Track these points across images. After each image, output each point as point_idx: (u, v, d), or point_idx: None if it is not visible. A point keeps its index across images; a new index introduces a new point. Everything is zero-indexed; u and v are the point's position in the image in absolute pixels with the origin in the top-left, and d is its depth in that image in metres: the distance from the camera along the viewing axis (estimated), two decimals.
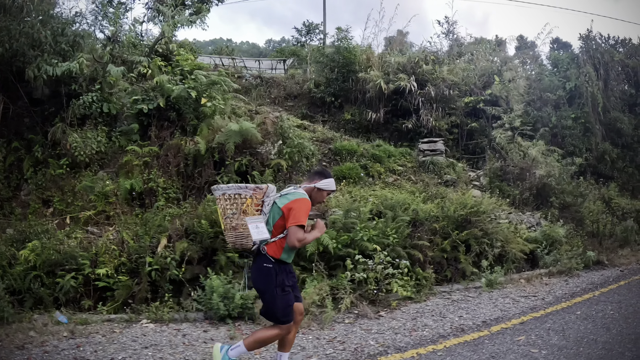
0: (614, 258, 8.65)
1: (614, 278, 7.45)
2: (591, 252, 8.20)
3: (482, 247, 7.45)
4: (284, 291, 3.27)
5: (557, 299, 6.38)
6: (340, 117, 13.26)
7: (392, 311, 5.64)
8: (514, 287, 7.01)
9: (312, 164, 9.77)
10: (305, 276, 5.70)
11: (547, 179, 9.37)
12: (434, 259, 7.09)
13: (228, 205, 3.24)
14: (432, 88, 12.53)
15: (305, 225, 3.26)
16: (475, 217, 7.58)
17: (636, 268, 8.11)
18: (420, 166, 10.48)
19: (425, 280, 6.48)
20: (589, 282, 7.29)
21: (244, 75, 14.53)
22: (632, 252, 9.30)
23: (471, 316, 5.61)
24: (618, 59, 14.40)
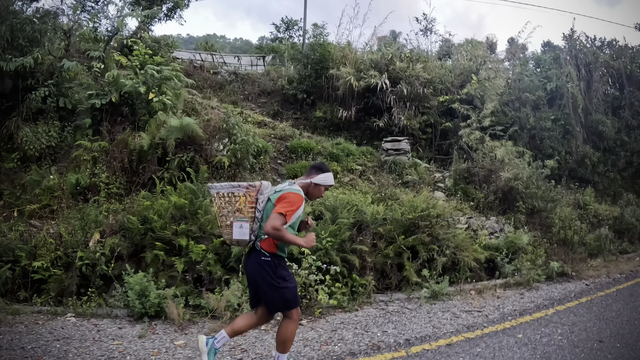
0: (582, 269, 7.56)
1: (576, 293, 6.39)
2: (555, 263, 7.14)
3: (429, 255, 6.48)
4: (285, 279, 3.16)
5: (503, 316, 5.37)
6: (312, 114, 12.31)
7: (315, 320, 4.93)
8: (461, 300, 6.04)
9: (265, 161, 8.95)
10: (229, 277, 5.17)
11: (513, 182, 8.30)
12: (376, 265, 6.20)
13: (223, 203, 3.19)
14: (405, 86, 11.52)
15: (288, 216, 3.01)
16: (424, 222, 6.59)
17: (604, 282, 7.02)
18: (382, 166, 9.49)
19: (363, 288, 5.73)
20: (546, 296, 6.24)
21: (220, 72, 13.66)
22: (603, 263, 8.19)
23: (397, 332, 4.73)
24: (603, 60, 13.18)
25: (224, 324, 4.47)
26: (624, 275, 7.38)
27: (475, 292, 6.42)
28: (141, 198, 6.15)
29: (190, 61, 13.75)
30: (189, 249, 5.21)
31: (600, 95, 12.48)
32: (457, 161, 9.28)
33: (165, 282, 4.95)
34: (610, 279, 7.22)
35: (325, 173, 3.34)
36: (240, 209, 3.11)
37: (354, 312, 5.27)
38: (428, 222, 6.66)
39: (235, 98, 12.96)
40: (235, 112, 10.80)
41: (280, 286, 3.11)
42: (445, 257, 6.42)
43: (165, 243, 5.31)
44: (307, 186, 3.29)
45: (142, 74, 8.17)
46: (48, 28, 9.09)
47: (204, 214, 5.72)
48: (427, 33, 13.26)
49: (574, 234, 8.38)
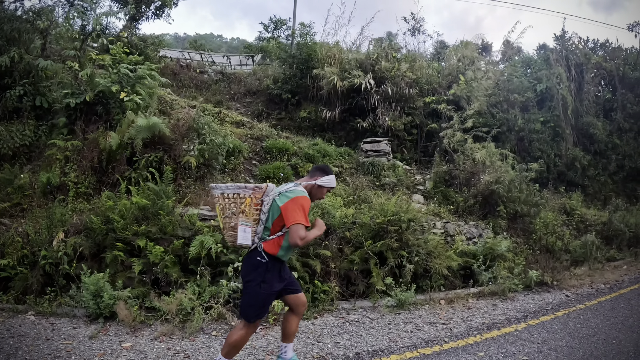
0: (564, 278, 6.95)
1: (554, 306, 5.79)
2: (534, 272, 6.54)
3: (398, 261, 5.96)
4: (269, 289, 3.01)
5: (469, 330, 4.81)
6: (297, 115, 11.79)
7: (269, 327, 4.55)
8: (429, 310, 5.51)
9: (238, 162, 8.47)
10: (185, 280, 4.87)
11: (494, 185, 7.70)
12: (341, 271, 5.71)
13: (227, 204, 3.04)
14: (390, 86, 10.95)
15: (305, 221, 2.94)
16: (393, 226, 6.05)
17: (586, 293, 6.41)
18: (360, 167, 8.94)
19: (325, 295, 5.28)
20: (521, 308, 5.66)
21: (207, 71, 13.18)
22: (588, 272, 7.56)
23: (350, 343, 4.24)
24: (595, 61, 12.50)
25: (176, 327, 4.30)
26: (608, 286, 6.76)
27: (445, 301, 5.87)
28: (105, 198, 5.83)
29: (177, 60, 13.29)
30: (148, 250, 4.95)
31: (592, 97, 11.82)
32: (438, 163, 8.69)
33: (122, 283, 4.73)
34: (593, 289, 6.60)
35: (329, 175, 3.26)
36: (244, 210, 2.96)
37: (312, 320, 4.84)
38: (397, 227, 6.14)
39: (221, 97, 12.49)
40: (214, 112, 10.40)
41: (258, 291, 2.98)
42: (413, 264, 5.88)
43: (126, 244, 5.10)
44: (310, 187, 3.20)
45: (114, 72, 7.83)
46: (28, 27, 8.87)
47: (165, 215, 5.37)
48: (415, 33, 12.67)
49: (557, 240, 7.78)
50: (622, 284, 6.87)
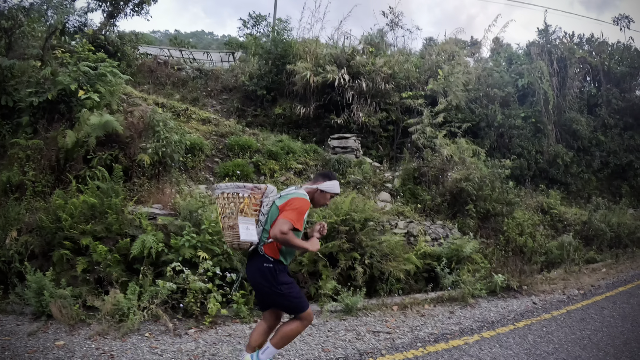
0: (536, 283, 6.19)
1: (517, 314, 5.03)
2: (499, 276, 5.78)
3: (350, 263, 5.29)
4: (288, 283, 2.90)
5: (413, 341, 4.12)
6: (272, 111, 11.08)
7: (204, 330, 4.10)
8: (379, 316, 4.85)
9: (199, 159, 7.83)
10: (126, 279, 4.55)
11: (463, 183, 6.94)
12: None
13: (226, 204, 2.89)
14: (365, 81, 10.20)
15: (296, 222, 2.75)
16: (345, 226, 5.37)
17: (556, 300, 5.64)
18: (325, 165, 8.22)
19: None
20: (480, 317, 4.91)
21: (184, 68, 12.52)
22: (563, 275, 6.78)
23: (279, 352, 3.51)
24: (580, 56, 11.63)
25: (112, 327, 4.00)
26: (581, 292, 5.97)
27: (399, 307, 5.17)
28: (55, 197, 5.51)
29: (154, 57, 12.65)
30: (92, 248, 4.71)
31: (575, 92, 10.96)
32: (408, 160, 7.94)
33: (66, 281, 4.46)
34: (564, 295, 5.82)
35: (332, 181, 3.08)
36: (243, 210, 2.83)
37: (251, 323, 4.33)
38: (349, 227, 5.45)
39: (198, 95, 11.83)
40: (181, 109, 9.75)
41: (283, 292, 2.85)
42: (364, 267, 5.18)
43: (74, 242, 4.86)
44: (313, 192, 3.01)
45: (74, 70, 7.33)
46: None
47: (112, 213, 5.02)
48: (394, 27, 11.88)
49: (530, 241, 7.00)
50: (598, 290, 6.08)
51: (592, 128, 10.98)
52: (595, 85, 11.88)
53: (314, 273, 5.33)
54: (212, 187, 3.28)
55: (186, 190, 6.97)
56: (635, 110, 11.33)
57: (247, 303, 4.51)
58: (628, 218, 9.05)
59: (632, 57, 11.57)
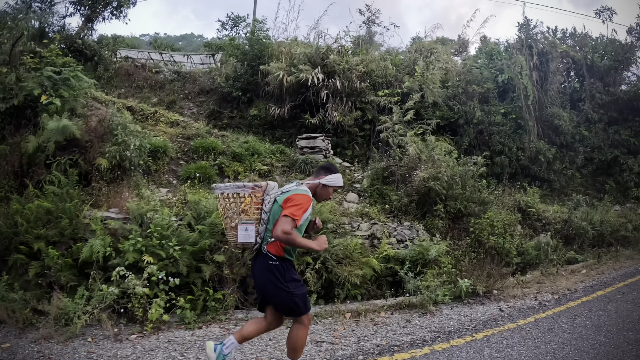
0: (507, 287, 5.57)
1: (479, 324, 4.42)
2: (465, 280, 5.17)
3: (301, 268, 4.80)
4: (296, 282, 2.73)
5: (355, 354, 3.64)
6: (248, 113, 10.54)
7: (146, 336, 3.88)
8: (329, 324, 4.38)
9: (163, 162, 7.32)
10: (75, 284, 4.33)
11: (431, 182, 6.34)
12: (239, 277, 4.68)
13: (227, 204, 2.74)
14: (339, 79, 9.64)
15: (298, 220, 2.56)
16: None
17: (526, 307, 5.01)
18: (293, 165, 7.66)
19: (218, 303, 4.44)
20: (437, 327, 4.32)
21: (162, 71, 12.02)
22: (539, 278, 6.15)
23: None
24: (562, 50, 10.98)
25: (57, 332, 3.82)
26: (556, 297, 5.34)
27: (352, 315, 4.62)
28: (13, 202, 5.27)
29: (132, 61, 12.19)
30: (44, 253, 4.55)
31: (556, 86, 10.31)
32: (378, 159, 7.36)
33: (19, 285, 4.35)
34: (536, 301, 5.19)
35: (334, 174, 2.90)
36: (245, 210, 2.70)
37: (195, 330, 4.06)
38: None
39: (175, 97, 11.31)
40: (149, 112, 9.26)
41: (290, 290, 2.69)
42: (314, 271, 4.65)
43: (29, 247, 4.70)
44: (315, 187, 2.85)
45: (37, 76, 6.98)
46: None
47: (65, 218, 4.83)
48: (370, 25, 11.30)
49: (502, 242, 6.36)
50: (574, 295, 5.44)
51: (576, 123, 10.33)
52: (578, 79, 11.21)
53: None
54: (212, 186, 3.02)
55: (147, 193, 6.67)
56: (620, 105, 10.66)
57: (195, 308, 4.27)
58: (612, 215, 8.39)
59: (616, 50, 10.91)
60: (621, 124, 10.66)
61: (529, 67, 9.83)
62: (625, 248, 7.96)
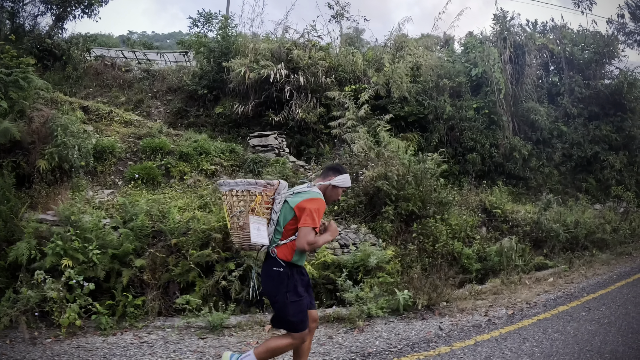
0: (455, 299, 4.69)
1: (407, 346, 3.56)
2: (404, 292, 4.32)
3: (225, 274, 4.16)
4: (298, 296, 2.45)
5: None
6: (214, 111, 9.77)
7: (61, 341, 3.58)
8: (245, 336, 3.79)
9: (110, 163, 6.66)
10: (3, 286, 4.02)
11: (379, 181, 5.47)
12: (161, 282, 4.25)
13: (236, 202, 2.44)
14: (302, 75, 8.81)
15: (318, 227, 2.41)
16: (218, 233, 4.23)
17: (472, 324, 4.12)
18: (242, 165, 6.86)
19: (137, 309, 4.03)
20: (357, 347, 3.50)
21: (132, 69, 11.29)
22: (499, 287, 5.23)
23: None
24: (541, 43, 9.98)
25: None
26: (510, 312, 4.43)
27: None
28: None
29: (101, 59, 11.48)
30: None
31: (532, 80, 9.34)
32: (332, 157, 6.51)
33: None
34: (486, 317, 4.30)
35: (344, 174, 2.66)
36: (254, 209, 2.38)
37: (109, 336, 3.70)
38: (223, 234, 4.24)
39: (143, 96, 10.58)
40: (105, 112, 8.52)
41: (288, 302, 2.40)
42: (236, 279, 3.94)
43: None
44: (325, 188, 2.59)
45: None
46: None
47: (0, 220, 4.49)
48: (339, 19, 10.42)
49: (459, 246, 5.48)
50: (532, 310, 4.52)
51: (553, 118, 9.34)
52: (558, 73, 10.21)
53: (194, 283, 4.26)
54: (219, 183, 2.57)
55: (84, 195, 6.11)
56: (602, 99, 9.65)
57: (114, 314, 3.95)
58: (589, 215, 7.42)
59: (597, 42, 9.89)
60: (602, 119, 9.65)
61: (502, 60, 8.87)
62: (602, 252, 6.99)
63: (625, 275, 5.83)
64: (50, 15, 11.23)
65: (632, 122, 9.60)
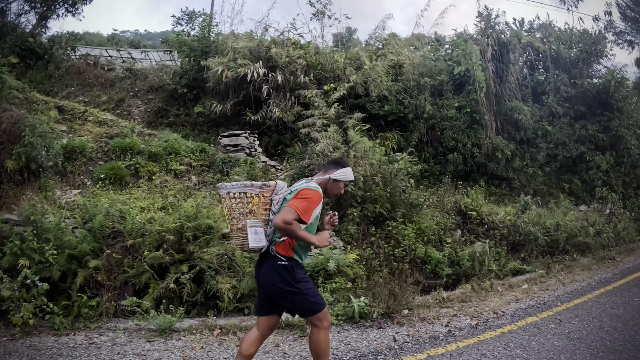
0: (418, 307, 4.31)
1: (354, 358, 3.20)
2: (360, 299, 3.95)
3: (178, 277, 3.86)
4: (306, 282, 2.39)
5: None
6: (193, 110, 9.43)
7: (16, 340, 3.50)
8: (193, 341, 3.55)
9: (80, 163, 6.37)
10: None
11: None
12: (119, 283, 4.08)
13: (234, 205, 2.39)
14: (280, 74, 8.45)
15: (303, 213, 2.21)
16: (172, 235, 4.03)
17: (428, 335, 3.73)
18: (212, 165, 6.52)
19: (90, 310, 3.88)
20: (303, 357, 3.13)
21: (114, 68, 10.98)
22: (467, 294, 4.84)
23: None
24: (527, 41, 9.56)
25: None
26: (474, 323, 4.03)
27: (222, 332, 3.67)
28: None
29: (84, 58, 11.18)
30: None
31: (515, 79, 8.91)
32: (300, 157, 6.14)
33: None
34: (447, 328, 3.91)
35: (345, 168, 2.54)
36: (252, 210, 2.34)
37: (62, 337, 3.59)
38: (178, 236, 4.01)
39: (124, 95, 10.27)
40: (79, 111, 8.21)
41: (302, 290, 2.34)
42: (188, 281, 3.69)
43: None
44: (325, 182, 2.47)
45: None
46: None
47: None
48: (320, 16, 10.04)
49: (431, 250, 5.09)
50: (498, 320, 4.12)
51: (538, 118, 8.91)
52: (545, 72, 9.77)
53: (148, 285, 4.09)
54: (217, 186, 2.54)
55: (57, 194, 5.93)
56: (588, 98, 9.21)
57: (69, 314, 3.83)
58: (571, 217, 7.00)
59: (584, 41, 9.45)
60: (589, 118, 9.20)
61: (485, 58, 8.46)
62: (584, 256, 6.57)
63: (605, 283, 5.40)
64: (34, 14, 10.96)
65: (619, 122, 9.16)
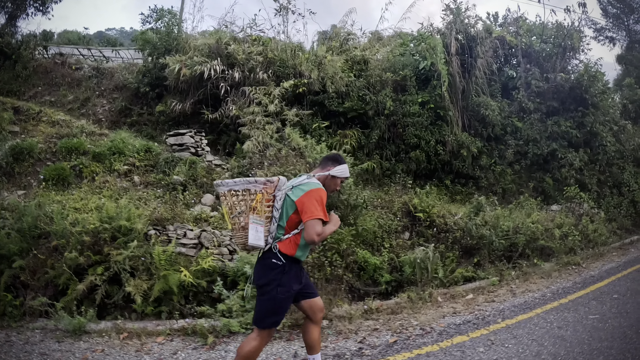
0: (342, 318, 3.74)
1: None
2: None
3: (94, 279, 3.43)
4: (287, 293, 2.23)
5: None
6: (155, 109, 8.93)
7: None
8: (94, 344, 3.24)
9: (28, 164, 5.94)
10: None
11: None
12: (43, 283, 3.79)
13: (236, 202, 2.22)
14: (238, 71, 7.89)
15: (326, 216, 2.25)
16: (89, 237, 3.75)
17: (334, 354, 3.14)
18: (156, 165, 6.00)
19: (15, 309, 3.64)
20: None
21: (82, 67, 10.51)
22: (401, 305, 4.24)
23: None
24: (497, 35, 8.86)
25: None
26: (392, 341, 3.42)
27: (130, 336, 3.29)
28: None
29: (52, 57, 10.73)
30: None
31: (483, 73, 8.23)
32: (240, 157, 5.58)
33: None
34: (358, 345, 3.32)
35: (342, 165, 2.49)
36: (255, 207, 2.19)
37: None
38: (94, 237, 3.71)
39: (90, 94, 9.80)
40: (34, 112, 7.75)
41: (274, 295, 2.18)
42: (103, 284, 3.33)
43: None
44: (324, 179, 2.43)
45: None
46: None
47: None
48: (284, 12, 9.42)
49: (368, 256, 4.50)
50: (422, 338, 3.49)
51: (507, 113, 8.23)
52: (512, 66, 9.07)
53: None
54: (216, 183, 2.12)
55: (3, 195, 5.40)
56: (562, 94, 8.50)
57: None
58: (535, 219, 6.33)
59: (556, 34, 8.74)
60: (562, 114, 8.49)
61: (449, 52, 7.80)
62: (547, 261, 5.92)
63: (562, 294, 4.73)
64: (4, 14, 10.53)
65: (594, 118, 8.44)
